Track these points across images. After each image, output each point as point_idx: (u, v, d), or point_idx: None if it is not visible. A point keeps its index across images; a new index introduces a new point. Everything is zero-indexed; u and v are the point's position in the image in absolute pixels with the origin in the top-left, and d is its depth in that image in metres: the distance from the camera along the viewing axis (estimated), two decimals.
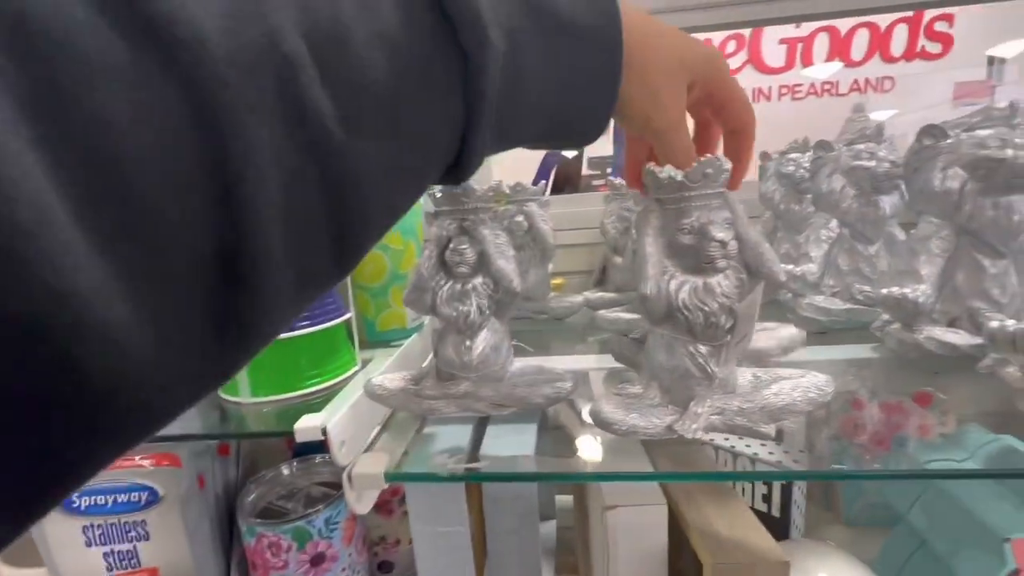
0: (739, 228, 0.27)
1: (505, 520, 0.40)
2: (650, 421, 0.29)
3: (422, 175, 0.17)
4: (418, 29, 0.15)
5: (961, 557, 0.39)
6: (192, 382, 0.12)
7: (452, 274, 0.33)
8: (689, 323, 0.27)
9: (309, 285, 0.14)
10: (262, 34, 0.12)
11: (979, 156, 0.34)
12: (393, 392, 0.34)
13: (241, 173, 0.11)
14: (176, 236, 0.11)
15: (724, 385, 0.28)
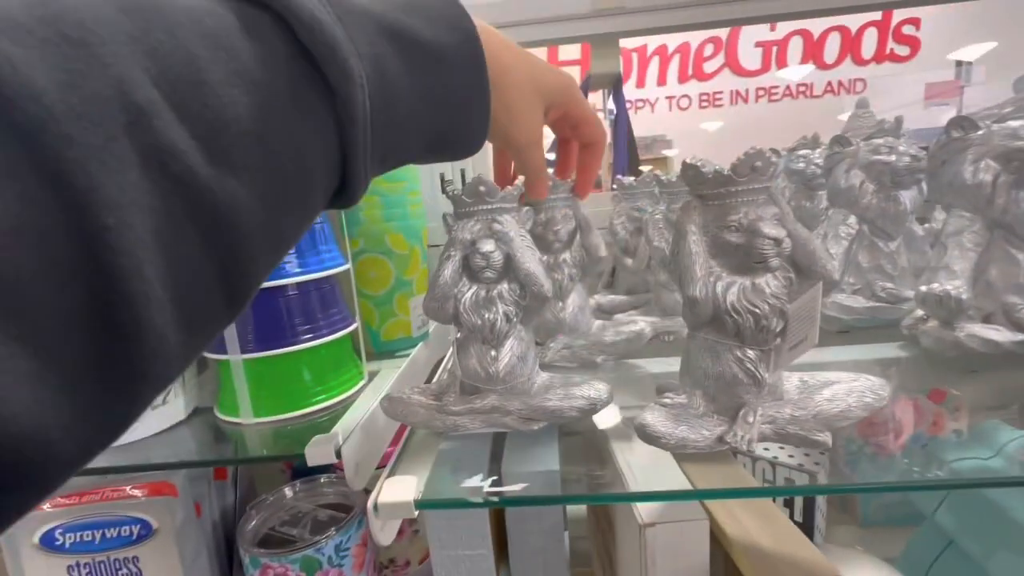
0: (788, 225, 0.25)
1: (530, 540, 0.38)
2: (699, 433, 0.27)
3: (305, 204, 0.18)
4: (278, 65, 0.15)
5: (996, 560, 0.38)
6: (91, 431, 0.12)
7: (477, 279, 0.31)
8: (738, 326, 0.25)
9: (198, 323, 0.14)
10: (106, 85, 0.12)
11: (1012, 147, 0.33)
12: (412, 409, 0.32)
13: (103, 223, 0.11)
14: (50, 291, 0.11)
15: (773, 392, 0.27)
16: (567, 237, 0.40)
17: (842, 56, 3.84)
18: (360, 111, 0.17)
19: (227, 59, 0.14)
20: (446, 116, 0.22)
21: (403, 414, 0.32)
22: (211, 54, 0.14)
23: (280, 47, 0.16)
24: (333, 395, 0.40)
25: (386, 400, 0.32)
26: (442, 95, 0.21)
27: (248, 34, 0.15)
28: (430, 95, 0.21)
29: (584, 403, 0.31)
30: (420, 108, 0.20)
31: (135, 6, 0.13)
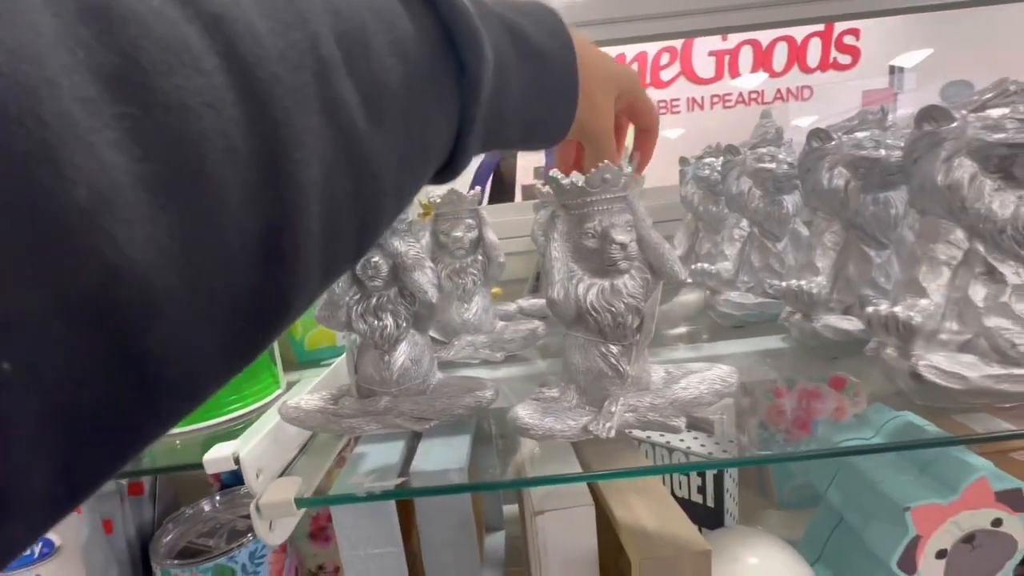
0: (641, 230, 0.28)
1: (441, 534, 0.39)
2: (566, 423, 0.29)
3: (423, 171, 0.20)
4: (426, 40, 0.17)
5: (871, 528, 0.42)
6: (227, 357, 0.13)
7: (365, 288, 0.32)
8: (599, 324, 0.28)
9: (332, 269, 0.16)
10: (305, 36, 0.13)
11: (858, 156, 0.37)
12: (309, 413, 0.33)
13: (290, 156, 0.12)
14: (232, 212, 0.12)
15: (637, 383, 0.29)
16: (469, 245, 0.42)
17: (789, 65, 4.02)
18: (485, 93, 0.19)
19: (388, 30, 0.16)
20: (542, 108, 0.25)
21: (299, 419, 0.33)
22: (377, 24, 0.16)
23: (429, 27, 0.18)
24: (247, 403, 0.41)
25: (283, 406, 0.33)
26: (541, 90, 0.24)
27: (406, 11, 0.17)
28: (532, 88, 0.23)
29: (472, 401, 0.33)
30: (523, 99, 0.23)
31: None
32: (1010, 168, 0.28)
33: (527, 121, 0.24)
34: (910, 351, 0.28)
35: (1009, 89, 0.28)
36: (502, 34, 0.21)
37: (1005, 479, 0.38)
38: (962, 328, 0.30)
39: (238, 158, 0.12)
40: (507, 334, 0.43)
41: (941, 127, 0.30)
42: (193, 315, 0.11)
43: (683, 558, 0.32)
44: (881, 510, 0.41)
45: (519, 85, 0.22)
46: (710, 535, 0.49)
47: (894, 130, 0.38)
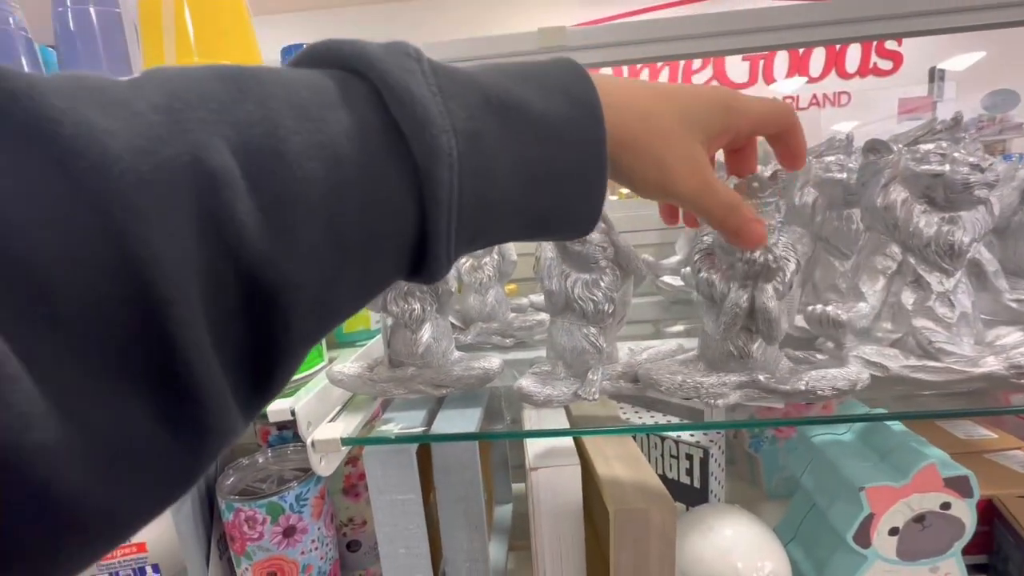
0: (612, 236, 0.34)
1: (453, 489, 0.46)
2: (560, 390, 0.36)
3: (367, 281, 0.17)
4: (366, 138, 0.15)
5: (833, 509, 0.47)
6: (152, 493, 0.13)
7: None
8: (583, 310, 0.35)
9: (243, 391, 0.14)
10: (183, 151, 0.12)
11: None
12: (351, 377, 0.41)
13: (166, 296, 0.12)
14: (110, 358, 0.11)
15: (610, 357, 0.36)
16: None
17: (827, 70, 3.96)
18: (445, 192, 0.16)
19: (313, 130, 0.14)
20: (550, 196, 0.20)
21: (343, 381, 0.41)
22: (297, 125, 0.14)
23: (371, 119, 0.16)
24: (297, 372, 0.49)
25: (330, 371, 0.41)
26: (547, 174, 0.19)
27: (341, 104, 0.15)
28: (533, 173, 0.19)
29: (480, 372, 0.40)
30: (520, 187, 0.19)
31: (233, 76, 0.14)
32: (933, 194, 0.33)
33: (530, 213, 0.20)
34: (843, 344, 0.34)
35: (936, 128, 0.34)
36: (484, 113, 0.17)
37: (953, 467, 0.43)
38: (895, 327, 0.35)
39: (104, 306, 0.11)
40: (516, 323, 0.50)
41: (882, 157, 0.35)
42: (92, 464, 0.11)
43: (652, 509, 0.38)
44: (842, 491, 0.46)
45: (514, 171, 0.18)
46: (693, 510, 0.55)
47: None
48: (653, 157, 0.22)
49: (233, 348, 0.14)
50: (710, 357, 0.34)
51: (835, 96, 3.96)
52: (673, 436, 0.60)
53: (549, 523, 0.41)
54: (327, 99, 0.15)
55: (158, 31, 0.42)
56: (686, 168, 0.23)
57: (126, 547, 0.45)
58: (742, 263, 0.31)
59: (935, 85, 2.96)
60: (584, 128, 0.20)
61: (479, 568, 0.47)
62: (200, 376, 0.13)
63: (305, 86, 0.15)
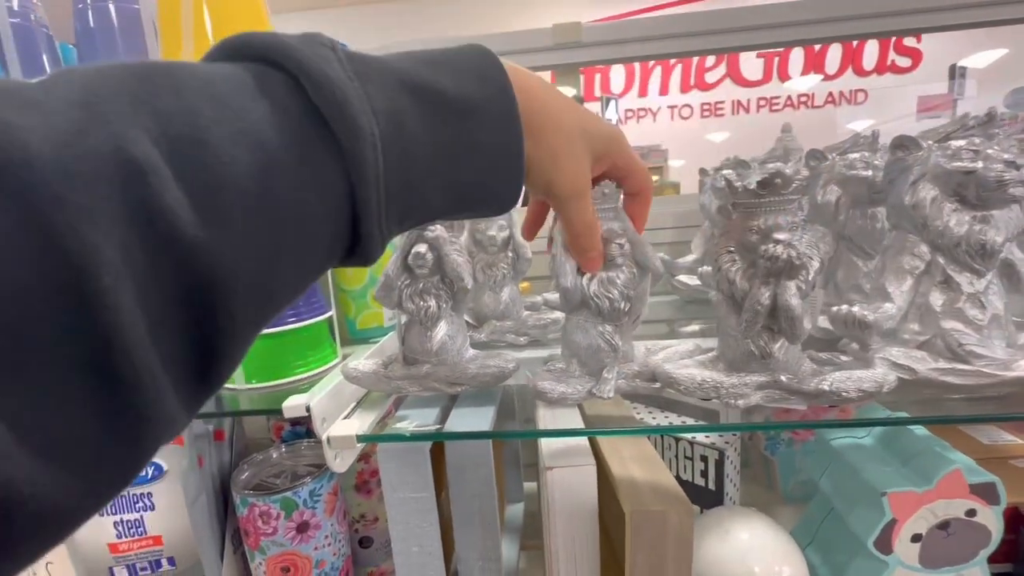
0: (630, 234, 0.34)
1: (467, 487, 0.46)
2: (575, 388, 0.36)
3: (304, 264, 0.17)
4: (287, 124, 0.16)
5: (854, 514, 0.46)
6: (93, 486, 0.13)
7: (414, 275, 0.39)
8: (599, 308, 0.34)
9: (184, 381, 0.14)
10: (104, 142, 0.12)
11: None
12: (365, 374, 0.41)
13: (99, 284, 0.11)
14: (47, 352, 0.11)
15: (626, 356, 0.35)
16: (501, 242, 0.49)
17: (843, 67, 3.89)
18: (371, 170, 0.17)
19: (233, 119, 0.14)
20: (472, 172, 0.21)
21: (358, 378, 0.41)
22: (217, 114, 0.14)
23: (292, 106, 0.16)
24: (311, 368, 0.49)
25: (345, 367, 0.41)
26: (467, 150, 0.20)
27: (260, 94, 0.15)
28: (454, 151, 0.20)
29: (495, 370, 0.39)
30: (442, 165, 0.20)
31: (147, 72, 0.14)
32: (964, 192, 0.32)
33: (454, 189, 0.21)
34: (868, 345, 0.33)
35: (968, 124, 0.32)
36: (400, 95, 0.18)
37: (979, 473, 0.42)
38: (922, 329, 0.34)
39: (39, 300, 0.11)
40: (530, 321, 0.50)
41: (910, 154, 0.34)
42: (32, 458, 0.11)
43: (669, 511, 0.37)
44: (863, 496, 0.45)
45: (435, 149, 0.19)
46: (708, 512, 0.54)
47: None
48: (549, 148, 0.24)
49: (174, 338, 0.14)
50: (730, 357, 0.34)
51: (851, 94, 3.89)
52: (688, 437, 0.59)
53: (564, 523, 0.41)
54: (245, 89, 0.15)
55: (176, 29, 0.42)
56: (573, 170, 0.25)
57: (142, 540, 0.46)
58: (764, 260, 0.30)
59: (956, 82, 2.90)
60: (497, 106, 0.21)
61: (492, 567, 0.47)
62: (137, 366, 0.12)
63: (221, 78, 0.15)
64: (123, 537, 0.45)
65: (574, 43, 0.73)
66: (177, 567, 0.47)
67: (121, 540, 0.45)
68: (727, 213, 0.34)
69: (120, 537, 0.45)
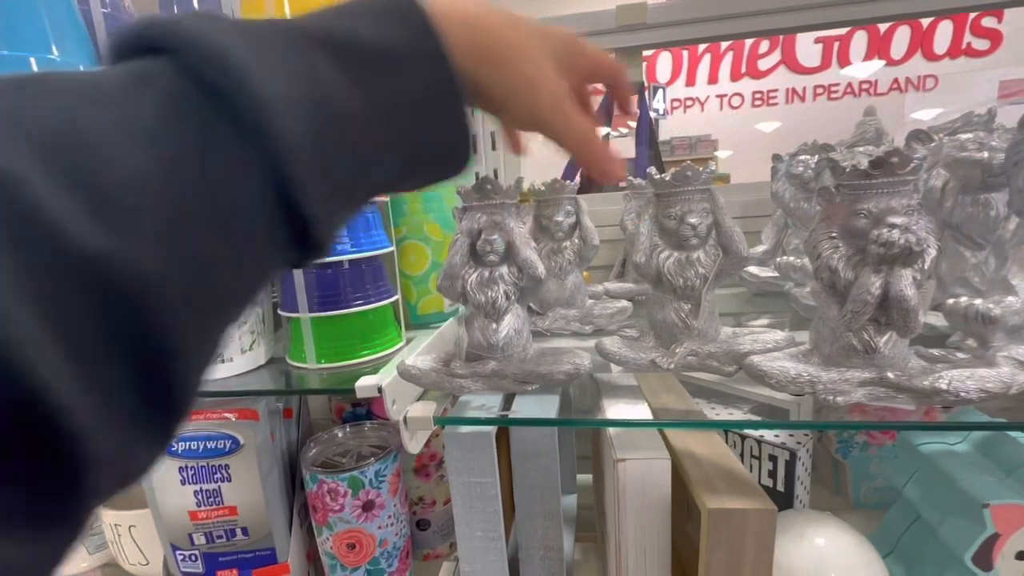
0: (717, 216, 0.32)
1: (529, 476, 0.46)
2: (639, 355, 0.35)
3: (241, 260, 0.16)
4: (179, 110, 0.14)
5: (947, 525, 0.43)
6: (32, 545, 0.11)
7: (482, 263, 0.38)
8: (672, 285, 0.33)
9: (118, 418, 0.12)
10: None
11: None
12: (425, 372, 0.40)
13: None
14: None
15: (703, 335, 0.34)
16: (568, 228, 0.48)
17: (911, 51, 3.63)
18: (290, 142, 0.15)
19: (119, 116, 0.13)
20: (410, 125, 0.19)
21: (417, 377, 0.40)
22: (100, 115, 0.13)
23: (181, 89, 0.14)
24: (377, 351, 0.49)
25: (401, 365, 0.41)
26: (399, 101, 0.18)
27: (143, 85, 0.14)
28: (385, 107, 0.18)
29: (570, 368, 0.38)
30: (376, 124, 0.17)
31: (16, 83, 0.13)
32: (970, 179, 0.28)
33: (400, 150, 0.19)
34: (990, 342, 0.30)
35: None
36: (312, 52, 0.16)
37: None
38: None
39: None
40: (596, 310, 0.49)
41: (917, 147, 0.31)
42: None
43: (750, 513, 0.36)
44: (959, 507, 0.42)
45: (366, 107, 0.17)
46: (781, 514, 0.51)
47: None
48: (518, 73, 0.22)
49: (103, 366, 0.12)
50: (827, 351, 0.32)
51: (920, 80, 3.64)
52: (756, 436, 0.56)
53: (635, 516, 0.40)
54: (126, 84, 0.14)
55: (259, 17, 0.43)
56: (550, 88, 0.23)
57: (219, 509, 0.48)
58: (877, 246, 0.28)
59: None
60: (419, 45, 0.18)
61: (554, 556, 0.46)
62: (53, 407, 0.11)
63: (97, 78, 0.14)
64: (202, 506, 0.47)
65: (639, 25, 0.71)
66: (250, 537, 0.49)
67: (200, 508, 0.47)
68: (829, 196, 0.31)
69: (200, 506, 0.47)
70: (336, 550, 0.49)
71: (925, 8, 0.71)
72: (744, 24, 0.71)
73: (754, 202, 0.75)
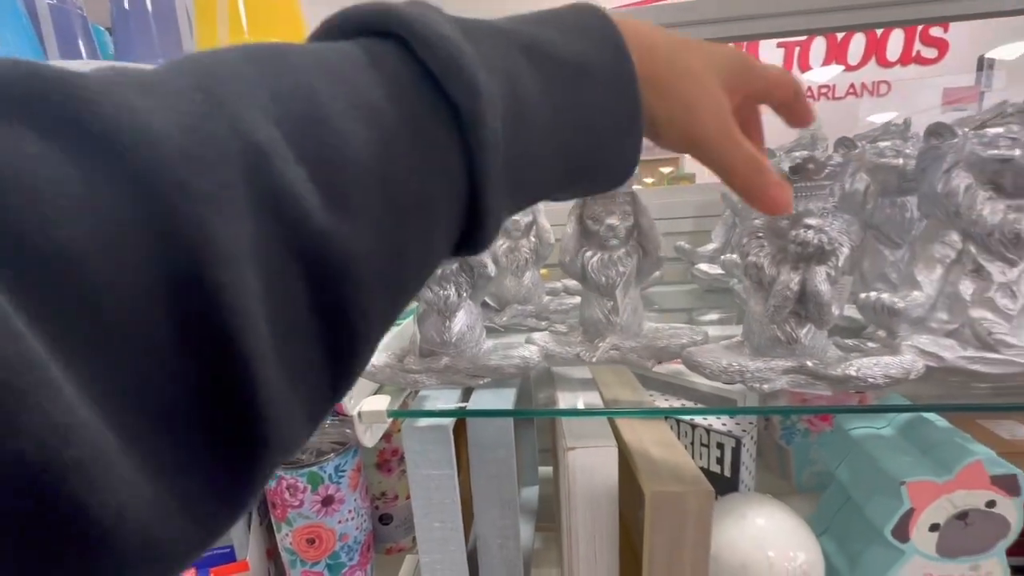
0: (638, 218, 0.35)
1: (487, 467, 0.47)
2: (566, 350, 0.38)
3: (432, 249, 0.16)
4: (400, 92, 0.15)
5: (871, 503, 0.46)
6: (204, 520, 0.11)
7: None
8: (596, 284, 0.36)
9: (305, 385, 0.13)
10: (225, 125, 0.11)
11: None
12: (379, 368, 0.41)
13: (218, 280, 0.10)
14: (163, 364, 0.10)
15: (626, 330, 0.37)
16: (524, 228, 0.49)
17: (866, 58, 3.80)
18: (491, 134, 0.16)
19: (348, 92, 0.14)
20: (586, 141, 0.19)
21: (371, 373, 0.41)
22: (332, 89, 0.13)
23: (403, 73, 0.15)
24: None
25: None
26: (582, 116, 0.19)
27: (372, 65, 0.15)
28: (568, 116, 0.18)
29: (519, 361, 0.40)
30: (557, 132, 0.18)
31: (260, 55, 0.13)
32: (1000, 180, 0.32)
33: (570, 160, 0.19)
34: (896, 333, 0.33)
35: (1007, 111, 0.32)
36: (514, 53, 0.17)
37: (1001, 465, 0.42)
38: (951, 318, 0.34)
39: (156, 296, 0.10)
40: (552, 306, 0.51)
41: (944, 142, 0.34)
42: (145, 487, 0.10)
43: (689, 495, 0.38)
44: (881, 485, 0.45)
45: (550, 114, 0.18)
46: (724, 497, 0.54)
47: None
48: (679, 97, 0.21)
49: (305, 346, 0.12)
50: (756, 342, 0.34)
51: (874, 85, 3.81)
52: (705, 425, 0.59)
53: (584, 503, 0.41)
54: (356, 62, 0.15)
55: (212, 13, 0.42)
56: (711, 111, 0.22)
57: None
58: (795, 245, 0.30)
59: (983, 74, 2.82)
60: (612, 65, 0.19)
61: (510, 545, 0.48)
62: (259, 382, 0.11)
63: (332, 54, 0.15)
64: None
65: None
66: None
67: None
68: None
69: None
70: (296, 545, 0.49)
71: (876, 20, 0.75)
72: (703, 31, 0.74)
73: (712, 202, 0.78)
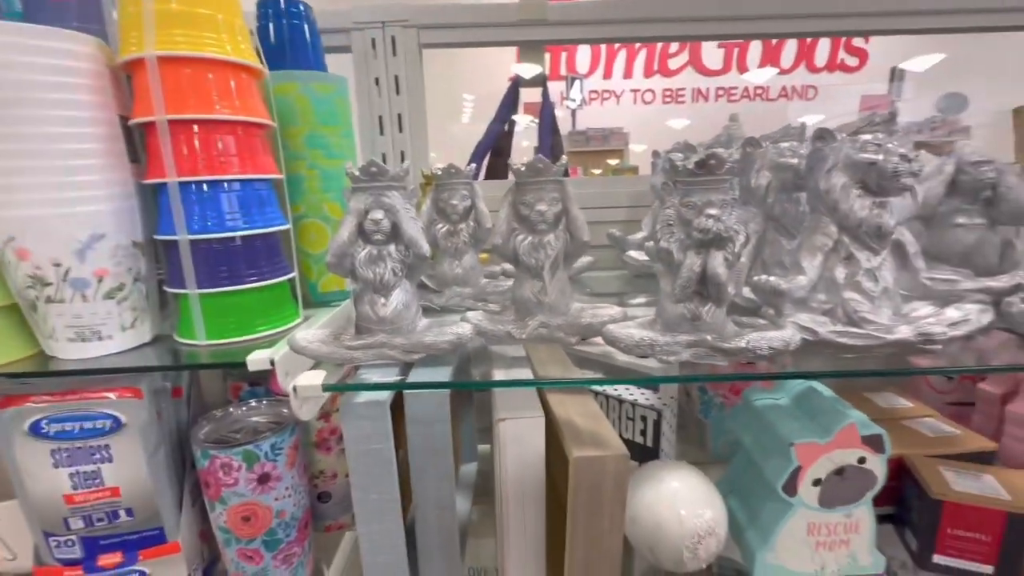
0: (567, 204, 0.38)
1: (423, 440, 0.49)
2: (497, 327, 0.40)
3: None
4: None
5: (768, 464, 0.52)
6: None
7: (369, 241, 0.41)
8: (527, 265, 0.38)
9: None
10: None
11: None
12: (315, 344, 0.42)
13: None
14: None
15: (553, 309, 0.40)
16: (463, 211, 0.51)
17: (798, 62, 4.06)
18: None
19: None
20: None
21: (307, 349, 0.42)
22: None
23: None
24: (273, 327, 0.50)
25: (291, 338, 0.42)
26: None
27: None
28: None
29: (453, 338, 0.42)
30: None
31: None
32: (867, 180, 0.37)
33: None
34: (782, 311, 0.38)
35: (875, 120, 0.37)
36: None
37: (869, 427, 0.49)
38: (827, 298, 0.39)
39: None
40: (490, 288, 0.53)
41: (827, 145, 0.39)
42: None
43: (608, 459, 0.42)
44: (776, 448, 0.52)
45: None
46: (645, 464, 0.59)
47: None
48: None
49: None
50: (665, 319, 0.38)
51: (803, 89, 4.08)
52: (630, 400, 0.64)
53: (514, 469, 0.45)
54: None
55: None
56: None
57: (99, 491, 0.46)
58: (697, 232, 0.34)
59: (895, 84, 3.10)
60: None
61: (447, 515, 0.50)
62: None
63: None
64: (79, 488, 0.45)
65: (539, 21, 0.75)
66: (135, 518, 0.48)
67: (77, 491, 0.45)
68: (669, 191, 0.37)
69: (76, 488, 0.45)
70: (230, 524, 0.49)
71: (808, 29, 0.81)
72: (634, 29, 0.77)
73: (645, 192, 0.83)
